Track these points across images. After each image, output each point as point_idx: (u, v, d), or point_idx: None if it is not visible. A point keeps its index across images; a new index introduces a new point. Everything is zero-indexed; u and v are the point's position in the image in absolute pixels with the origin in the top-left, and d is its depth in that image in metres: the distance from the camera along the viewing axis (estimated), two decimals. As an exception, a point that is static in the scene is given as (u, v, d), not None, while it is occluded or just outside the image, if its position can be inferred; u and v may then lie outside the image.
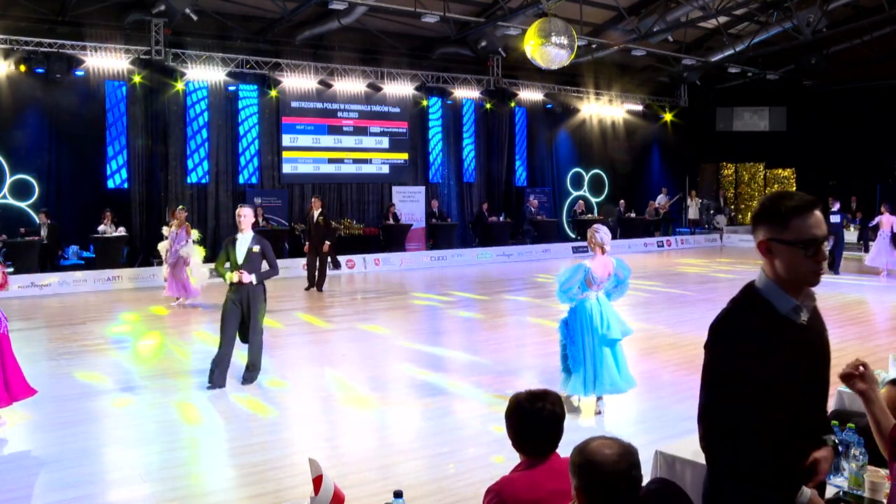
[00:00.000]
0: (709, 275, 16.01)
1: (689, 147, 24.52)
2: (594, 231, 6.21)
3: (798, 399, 2.10)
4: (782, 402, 2.03)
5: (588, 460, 2.00)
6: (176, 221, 12.23)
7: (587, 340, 6.15)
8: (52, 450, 5.48)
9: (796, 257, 2.06)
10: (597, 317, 6.17)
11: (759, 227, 2.13)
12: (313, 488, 2.64)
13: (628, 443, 2.07)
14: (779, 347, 2.04)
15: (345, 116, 18.82)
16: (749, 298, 2.15)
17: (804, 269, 2.07)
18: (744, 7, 16.96)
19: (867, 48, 19.35)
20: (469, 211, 21.01)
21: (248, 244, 7.06)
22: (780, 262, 2.09)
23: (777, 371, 2.02)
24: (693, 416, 2.17)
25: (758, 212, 2.15)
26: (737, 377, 2.01)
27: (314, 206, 13.92)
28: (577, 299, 6.21)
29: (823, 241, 2.06)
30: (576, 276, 6.12)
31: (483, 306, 12.40)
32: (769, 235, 2.10)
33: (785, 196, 2.09)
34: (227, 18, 16.40)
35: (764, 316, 2.08)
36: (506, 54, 19.46)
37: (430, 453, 5.40)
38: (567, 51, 12.52)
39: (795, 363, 2.07)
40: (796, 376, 2.08)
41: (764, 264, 2.15)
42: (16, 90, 14.78)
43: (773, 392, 2.01)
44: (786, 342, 2.06)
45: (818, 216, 2.06)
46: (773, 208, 2.09)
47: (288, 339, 9.65)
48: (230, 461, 5.34)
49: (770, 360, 2.01)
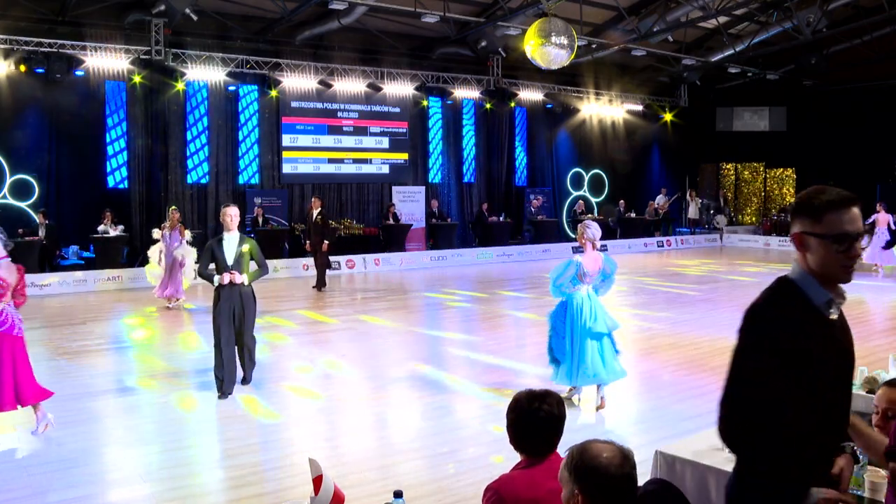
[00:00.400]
0: (709, 275, 16.01)
1: (689, 147, 24.52)
2: (585, 227, 6.41)
3: (827, 394, 2.10)
4: (812, 394, 2.03)
5: (591, 465, 2.02)
6: (168, 223, 12.13)
7: (574, 332, 6.36)
8: (52, 450, 5.48)
9: (828, 252, 2.06)
10: (586, 310, 6.38)
11: (795, 220, 2.14)
12: (313, 488, 2.64)
13: (622, 444, 2.09)
14: (812, 337, 2.04)
15: (345, 116, 18.82)
16: (784, 287, 2.14)
17: (835, 265, 2.08)
18: (744, 7, 16.95)
19: (867, 48, 19.34)
20: (469, 211, 21.01)
21: (236, 244, 6.88)
22: (812, 256, 2.10)
23: (809, 362, 2.01)
24: (693, 416, 2.18)
25: (795, 205, 2.18)
26: (769, 366, 2.00)
27: (314, 206, 13.97)
28: (568, 293, 6.40)
29: (857, 238, 2.06)
30: (567, 271, 6.34)
31: (483, 306, 12.41)
32: (803, 228, 2.11)
33: (822, 191, 2.10)
34: (227, 18, 16.40)
35: (798, 305, 2.08)
36: (506, 54, 19.45)
37: (430, 453, 5.40)
38: (567, 51, 12.51)
39: (825, 358, 2.07)
40: (826, 370, 2.08)
41: (797, 257, 2.16)
42: (16, 90, 14.78)
43: (803, 384, 2.00)
44: (818, 334, 2.07)
45: (854, 212, 2.06)
46: (809, 202, 2.10)
47: (288, 338, 9.64)
48: (230, 461, 5.34)
49: (804, 350, 2.01)
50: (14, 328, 5.65)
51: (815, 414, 2.05)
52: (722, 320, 10.58)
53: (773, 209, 24.62)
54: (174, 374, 7.77)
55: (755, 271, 16.46)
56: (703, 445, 3.48)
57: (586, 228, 6.38)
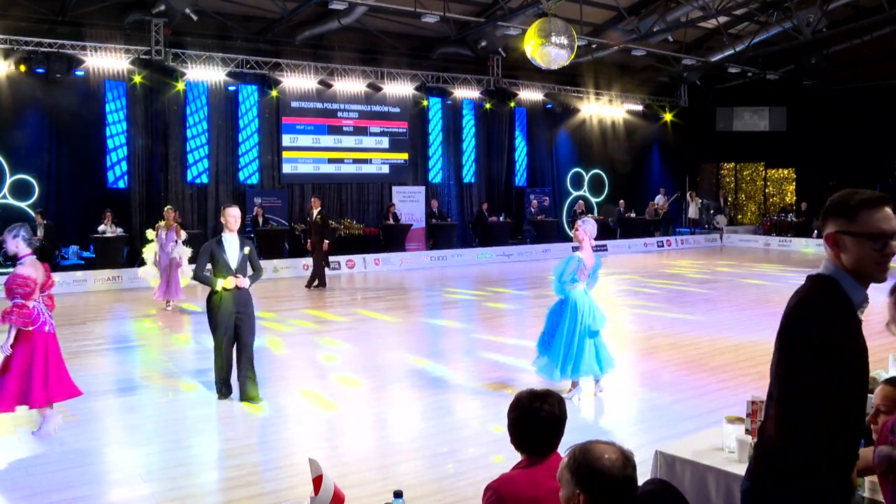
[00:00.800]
0: (709, 275, 16.01)
1: (689, 147, 24.52)
2: (583, 223, 6.54)
3: (855, 391, 2.13)
4: (841, 390, 2.04)
5: (594, 467, 2.03)
6: (164, 223, 11.85)
7: (575, 329, 6.44)
8: (52, 450, 5.48)
9: (864, 250, 2.08)
10: (585, 307, 6.48)
11: (828, 221, 2.15)
12: (313, 488, 2.64)
13: (622, 445, 2.10)
14: (842, 332, 2.06)
15: (345, 116, 18.83)
16: (820, 284, 2.15)
17: (870, 263, 2.10)
18: (744, 7, 16.95)
19: (867, 48, 19.34)
20: (469, 211, 21.01)
21: (238, 246, 6.65)
22: (846, 256, 2.11)
23: (840, 356, 2.03)
24: (693, 416, 2.19)
25: (827, 206, 2.18)
26: (801, 365, 2.02)
27: (313, 206, 14.03)
28: (569, 290, 6.49)
29: (892, 237, 2.08)
30: (570, 266, 6.45)
31: (483, 306, 12.41)
32: (837, 228, 2.12)
33: (855, 191, 2.13)
34: (227, 18, 16.40)
35: (832, 299, 2.10)
36: (506, 54, 19.45)
37: (430, 453, 5.40)
38: (567, 51, 12.51)
39: (853, 354, 2.10)
40: (854, 366, 2.10)
41: (831, 257, 2.16)
42: (16, 90, 14.78)
43: (833, 378, 2.01)
44: (848, 329, 2.09)
45: (887, 212, 2.09)
46: (843, 202, 2.13)
47: (287, 338, 9.64)
48: (230, 461, 5.34)
49: (834, 343, 2.02)
50: (45, 325, 5.68)
51: (842, 410, 2.06)
52: (722, 320, 10.59)
53: (773, 209, 24.64)
54: (174, 374, 7.77)
55: (755, 271, 16.47)
56: (703, 445, 3.48)
57: (584, 224, 6.51)
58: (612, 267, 17.42)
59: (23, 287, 5.50)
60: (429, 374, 7.73)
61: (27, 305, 5.54)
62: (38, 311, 5.63)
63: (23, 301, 5.51)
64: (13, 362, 5.57)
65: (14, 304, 5.52)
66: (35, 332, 5.61)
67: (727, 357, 8.21)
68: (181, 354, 8.86)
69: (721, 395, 6.72)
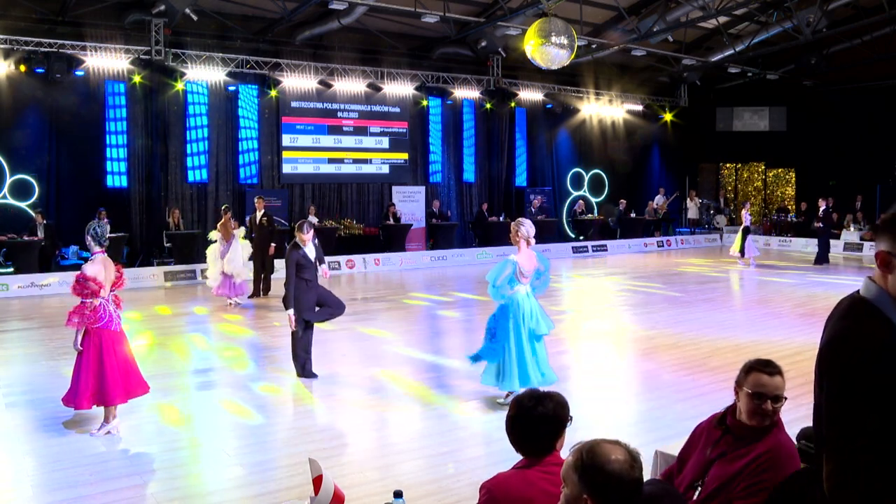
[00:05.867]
0: (709, 275, 16.01)
1: (689, 147, 24.52)
2: (519, 224, 6.31)
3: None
4: (891, 425, 1.85)
5: (603, 469, 2.01)
6: (222, 229, 12.27)
7: (518, 335, 6.21)
8: (52, 450, 5.48)
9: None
10: (527, 312, 6.27)
11: (881, 238, 1.99)
12: (313, 488, 2.64)
13: (627, 444, 2.08)
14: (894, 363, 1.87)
15: (345, 116, 18.83)
16: (866, 309, 1.97)
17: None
18: (744, 7, 16.95)
19: (867, 48, 19.34)
20: (469, 211, 21.01)
21: (312, 250, 7.51)
22: (894, 279, 1.94)
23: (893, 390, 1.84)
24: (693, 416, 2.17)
25: (881, 223, 2.02)
26: (858, 406, 1.83)
27: (258, 207, 13.20)
28: (508, 295, 6.27)
29: None
30: (505, 270, 6.22)
31: (483, 306, 12.39)
32: (890, 248, 1.95)
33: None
34: (227, 18, 16.40)
35: (885, 329, 1.91)
36: (506, 54, 19.45)
37: (430, 453, 5.40)
38: (567, 51, 12.51)
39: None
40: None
41: (876, 276, 1.99)
42: (16, 90, 14.77)
43: (885, 413, 1.83)
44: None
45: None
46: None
47: (287, 339, 9.61)
48: (230, 461, 5.34)
49: (890, 376, 1.83)
50: (112, 323, 5.72)
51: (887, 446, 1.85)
52: (722, 320, 10.59)
53: (773, 209, 24.65)
54: (174, 375, 7.78)
55: (755, 271, 16.46)
56: (703, 445, 3.46)
57: (520, 226, 6.28)
58: (613, 267, 17.44)
59: (86, 287, 5.58)
60: (429, 374, 7.73)
61: (92, 305, 5.58)
62: (104, 310, 5.65)
63: (90, 301, 5.58)
64: (84, 361, 5.65)
65: (77, 306, 5.63)
66: (102, 329, 5.66)
67: (727, 357, 8.20)
68: (181, 355, 8.85)
69: (721, 395, 6.69)
